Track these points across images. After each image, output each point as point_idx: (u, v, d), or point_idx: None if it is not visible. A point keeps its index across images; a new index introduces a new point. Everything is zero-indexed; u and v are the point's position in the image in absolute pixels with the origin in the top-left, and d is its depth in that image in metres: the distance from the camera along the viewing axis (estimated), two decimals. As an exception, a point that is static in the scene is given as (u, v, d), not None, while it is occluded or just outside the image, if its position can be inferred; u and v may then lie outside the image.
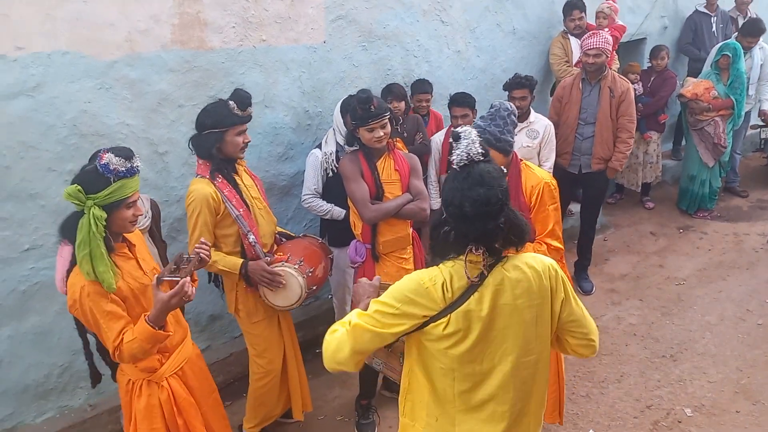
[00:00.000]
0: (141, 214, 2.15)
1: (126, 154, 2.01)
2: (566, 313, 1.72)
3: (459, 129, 1.61)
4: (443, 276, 1.62)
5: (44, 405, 3.09)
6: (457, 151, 1.59)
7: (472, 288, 1.60)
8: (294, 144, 3.82)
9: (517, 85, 3.97)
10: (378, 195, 2.94)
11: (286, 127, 3.74)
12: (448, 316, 1.60)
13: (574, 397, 3.53)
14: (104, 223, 1.98)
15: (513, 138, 2.59)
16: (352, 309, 1.82)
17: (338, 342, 1.67)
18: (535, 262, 1.68)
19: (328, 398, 3.63)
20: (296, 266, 2.78)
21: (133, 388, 2.26)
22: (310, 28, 3.68)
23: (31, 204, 2.82)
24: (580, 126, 4.39)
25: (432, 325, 1.62)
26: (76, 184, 1.96)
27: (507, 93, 4.08)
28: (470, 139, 1.58)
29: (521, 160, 2.74)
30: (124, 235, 2.19)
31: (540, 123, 4.16)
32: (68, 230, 2.03)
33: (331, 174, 3.45)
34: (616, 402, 3.49)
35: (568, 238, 5.37)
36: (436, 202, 4.12)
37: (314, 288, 2.91)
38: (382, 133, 2.86)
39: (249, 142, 2.75)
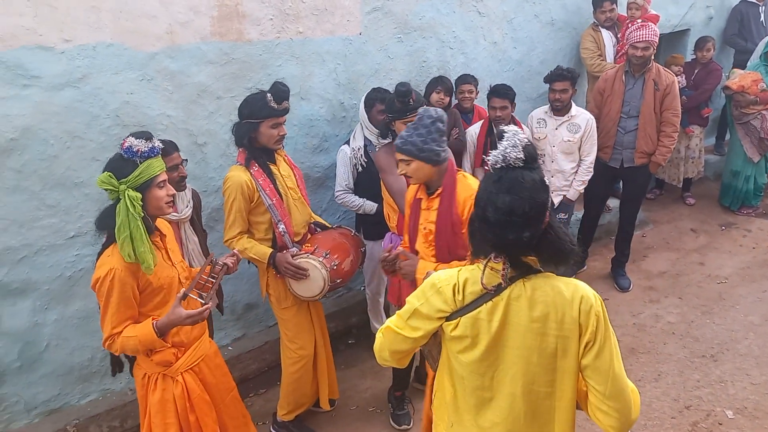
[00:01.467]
0: (174, 194, 2.20)
1: (146, 135, 2.10)
2: (588, 358, 1.51)
3: (506, 128, 1.52)
4: (457, 278, 1.59)
5: (88, 387, 3.19)
6: (494, 152, 1.50)
7: (485, 296, 1.55)
8: (329, 136, 3.83)
9: (558, 77, 3.89)
10: None
11: (321, 119, 3.76)
12: (458, 319, 1.58)
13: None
14: (141, 203, 2.04)
15: (440, 146, 2.38)
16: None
17: (380, 343, 1.75)
18: (567, 289, 1.52)
19: (360, 389, 3.65)
20: (321, 259, 2.80)
21: (149, 382, 2.29)
22: (346, 20, 3.68)
23: (76, 192, 2.91)
24: (623, 119, 4.28)
25: (446, 323, 1.62)
26: (106, 172, 2.04)
27: (547, 85, 4.02)
28: (512, 142, 1.47)
29: (458, 170, 2.54)
30: (157, 225, 2.24)
31: (581, 117, 4.08)
32: (104, 222, 2.10)
33: (360, 169, 3.47)
34: (653, 401, 3.41)
35: (605, 234, 5.31)
36: (470, 195, 4.10)
37: (339, 281, 2.92)
38: None
39: (285, 134, 2.78)
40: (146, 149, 2.06)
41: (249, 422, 2.64)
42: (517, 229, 1.45)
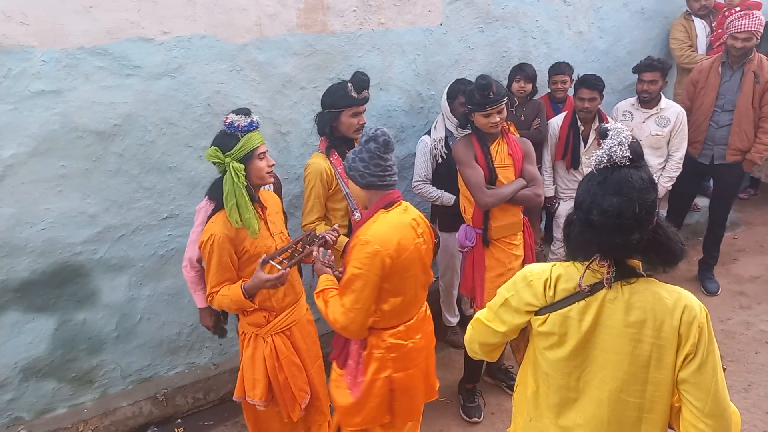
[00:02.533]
0: (273, 164, 2.38)
1: (245, 111, 2.30)
2: (687, 372, 1.43)
3: (609, 126, 1.44)
4: (550, 274, 1.56)
5: (175, 360, 3.41)
6: (599, 152, 1.43)
7: (577, 295, 1.50)
8: (406, 127, 3.85)
9: (648, 67, 3.72)
10: (491, 180, 2.90)
11: (399, 110, 3.79)
12: (547, 315, 1.55)
13: (693, 403, 3.29)
14: (244, 173, 2.24)
15: (368, 168, 2.13)
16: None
17: (470, 335, 1.76)
18: (669, 296, 1.45)
19: (429, 379, 3.67)
20: None
21: (245, 339, 2.51)
22: (427, 11, 3.68)
23: (169, 176, 3.09)
24: (716, 113, 4.03)
25: (534, 318, 1.60)
26: (213, 147, 2.26)
27: (634, 76, 3.85)
28: (617, 140, 1.40)
29: (394, 204, 2.21)
30: (260, 196, 2.42)
31: (671, 110, 3.88)
32: (213, 192, 2.35)
33: (440, 160, 3.46)
34: (742, 413, 3.20)
35: (692, 235, 5.03)
36: (549, 190, 4.00)
37: None
38: (498, 119, 2.83)
39: (364, 124, 2.86)
40: (245, 124, 2.26)
41: (327, 393, 2.75)
42: (626, 232, 1.38)
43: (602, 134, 1.45)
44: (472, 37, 3.91)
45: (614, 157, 1.40)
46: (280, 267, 2.25)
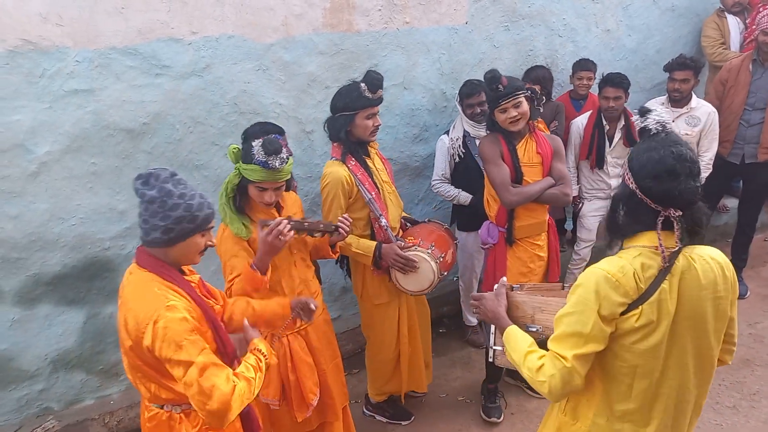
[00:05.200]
0: (271, 202, 2.31)
1: (272, 149, 2.14)
2: (733, 311, 1.67)
3: (648, 105, 1.66)
4: (632, 265, 1.53)
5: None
6: (654, 117, 1.59)
7: (661, 275, 1.52)
8: (429, 126, 3.85)
9: (680, 66, 3.66)
10: (517, 178, 2.85)
11: (422, 109, 3.79)
12: (640, 307, 1.52)
13: (719, 408, 3.24)
14: (235, 186, 2.26)
15: (146, 223, 1.76)
16: (489, 324, 1.92)
17: (561, 376, 1.56)
18: (716, 254, 1.63)
19: (449, 378, 3.68)
20: (429, 251, 2.75)
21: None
22: (452, 9, 3.66)
23: (196, 174, 3.14)
24: (747, 112, 3.95)
25: (622, 318, 1.54)
26: (238, 147, 2.25)
27: (664, 75, 3.78)
28: (658, 110, 1.62)
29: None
30: (283, 196, 2.42)
31: (702, 109, 3.81)
32: None
33: (458, 159, 3.46)
34: (770, 419, 3.16)
35: (721, 236, 4.94)
36: (573, 190, 3.97)
37: (445, 273, 2.87)
38: (515, 113, 2.72)
39: (379, 125, 2.72)
40: (262, 159, 2.16)
41: (346, 393, 2.77)
42: (694, 178, 1.55)
43: (645, 111, 1.62)
44: (498, 35, 3.89)
45: (664, 121, 1.60)
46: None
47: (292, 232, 2.22)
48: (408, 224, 3.08)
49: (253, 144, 2.18)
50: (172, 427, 1.84)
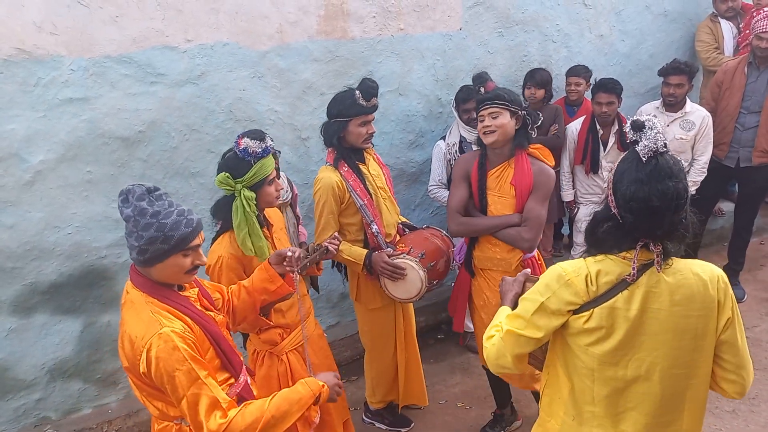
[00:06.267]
0: (282, 188, 2.33)
1: (259, 135, 2.18)
2: (727, 334, 1.57)
3: (642, 118, 1.51)
4: (588, 269, 1.56)
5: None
6: (645, 142, 1.49)
7: (621, 285, 1.53)
8: (425, 132, 3.86)
9: (674, 70, 3.68)
10: (481, 206, 2.65)
11: (418, 115, 3.80)
12: (591, 310, 1.55)
13: (718, 412, 3.23)
14: (255, 202, 2.19)
15: (129, 244, 1.71)
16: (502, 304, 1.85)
17: (497, 349, 1.68)
18: (701, 270, 1.56)
19: (449, 383, 3.67)
20: (417, 259, 2.71)
21: (257, 358, 2.45)
22: (447, 16, 3.69)
23: (192, 181, 3.15)
24: (742, 115, 3.96)
25: (573, 317, 1.58)
26: (224, 172, 2.17)
27: (658, 80, 3.80)
28: (656, 129, 1.49)
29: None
30: (265, 214, 2.38)
31: (696, 113, 3.83)
32: (219, 211, 2.27)
33: (453, 165, 3.46)
34: (769, 423, 3.15)
35: (717, 240, 4.94)
36: (568, 194, 3.98)
37: (435, 282, 2.82)
38: (489, 123, 2.48)
39: (373, 133, 2.72)
40: (260, 150, 2.16)
41: (346, 405, 2.75)
42: (681, 211, 1.50)
43: (637, 126, 1.51)
44: (492, 41, 3.91)
45: (658, 144, 1.49)
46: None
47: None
48: (406, 230, 3.06)
49: (241, 146, 2.16)
50: None
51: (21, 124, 2.67)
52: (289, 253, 2.01)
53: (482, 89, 2.62)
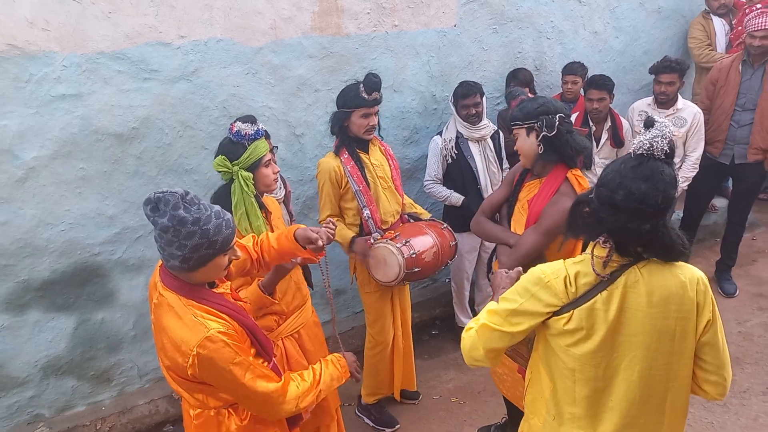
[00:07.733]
0: (279, 171, 2.40)
1: (250, 119, 2.29)
2: (708, 336, 1.57)
3: (657, 119, 1.48)
4: (566, 270, 1.57)
5: (191, 358, 3.45)
6: (642, 137, 1.47)
7: (600, 286, 1.53)
8: (419, 128, 3.86)
9: (665, 68, 3.70)
10: (508, 215, 2.62)
11: (412, 112, 3.80)
12: (571, 311, 1.56)
13: (709, 405, 3.26)
14: (252, 182, 2.27)
15: (168, 253, 1.64)
16: (492, 299, 1.85)
17: (471, 341, 1.70)
18: (681, 272, 1.55)
19: (443, 379, 3.68)
20: (398, 245, 2.80)
21: None
22: (441, 12, 3.68)
23: (186, 178, 3.14)
24: (737, 113, 3.98)
25: (554, 318, 1.59)
26: (221, 155, 2.27)
27: (653, 77, 3.82)
28: (662, 133, 1.45)
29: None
30: (265, 203, 2.43)
31: (688, 110, 3.85)
32: (219, 201, 2.30)
33: (450, 161, 3.49)
34: (760, 416, 3.18)
35: (710, 236, 4.97)
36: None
37: (417, 270, 2.85)
38: (516, 147, 2.44)
39: (374, 125, 2.87)
40: (252, 132, 2.27)
41: (337, 393, 2.75)
42: (642, 220, 1.45)
43: (649, 124, 1.48)
44: (486, 38, 3.91)
45: (655, 147, 1.46)
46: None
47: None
48: (411, 220, 3.18)
49: (234, 130, 2.26)
50: (221, 422, 1.82)
51: (13, 120, 2.65)
52: (320, 243, 2.06)
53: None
